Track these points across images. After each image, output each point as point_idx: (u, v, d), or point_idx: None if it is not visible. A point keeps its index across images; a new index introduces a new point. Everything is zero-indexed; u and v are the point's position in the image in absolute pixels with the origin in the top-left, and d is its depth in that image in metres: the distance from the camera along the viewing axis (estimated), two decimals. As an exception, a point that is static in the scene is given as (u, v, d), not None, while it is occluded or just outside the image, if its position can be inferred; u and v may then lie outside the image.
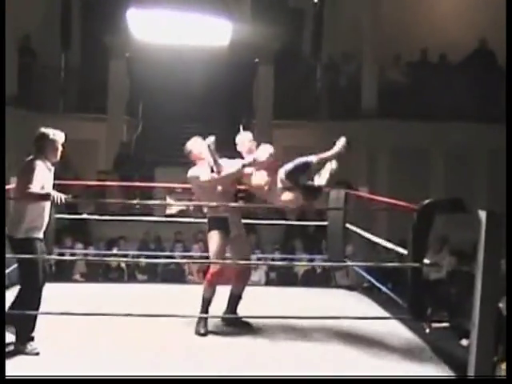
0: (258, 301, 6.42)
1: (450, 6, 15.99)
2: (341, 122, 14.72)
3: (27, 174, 5.01)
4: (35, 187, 4.98)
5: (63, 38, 15.82)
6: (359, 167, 14.62)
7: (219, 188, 5.78)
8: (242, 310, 6.06)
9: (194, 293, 5.85)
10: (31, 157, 5.16)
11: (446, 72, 15.00)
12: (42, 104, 15.00)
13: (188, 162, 5.96)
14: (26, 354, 4.94)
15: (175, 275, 11.21)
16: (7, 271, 5.82)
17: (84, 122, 15.25)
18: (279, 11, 16.29)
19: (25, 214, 5.06)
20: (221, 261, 5.68)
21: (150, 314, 5.32)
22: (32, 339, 5.03)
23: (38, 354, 4.96)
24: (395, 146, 14.61)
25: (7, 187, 5.84)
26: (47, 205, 5.19)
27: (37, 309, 5.04)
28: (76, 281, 10.07)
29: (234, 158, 5.91)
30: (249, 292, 6.23)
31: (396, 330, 5.72)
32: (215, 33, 11.61)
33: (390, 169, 14.70)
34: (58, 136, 5.26)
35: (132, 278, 11.24)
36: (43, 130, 5.25)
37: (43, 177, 5.10)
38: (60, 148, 5.27)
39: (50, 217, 5.31)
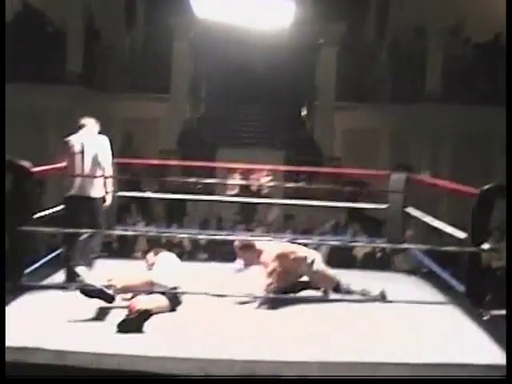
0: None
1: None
2: (403, 105, 14.56)
3: None
4: None
5: (127, 19, 16.05)
6: (422, 151, 14.44)
7: None
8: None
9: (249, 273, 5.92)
10: None
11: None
12: (105, 83, 15.28)
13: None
14: None
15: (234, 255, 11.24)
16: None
17: (147, 102, 15.47)
18: (344, -8, 16.17)
19: None
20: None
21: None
22: None
23: None
24: (459, 130, 14.34)
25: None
26: None
27: None
28: (137, 258, 10.21)
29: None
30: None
31: (453, 316, 5.65)
32: (279, 14, 11.57)
33: (453, 153, 14.46)
34: None
35: (192, 257, 11.35)
36: None
37: None
38: None
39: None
